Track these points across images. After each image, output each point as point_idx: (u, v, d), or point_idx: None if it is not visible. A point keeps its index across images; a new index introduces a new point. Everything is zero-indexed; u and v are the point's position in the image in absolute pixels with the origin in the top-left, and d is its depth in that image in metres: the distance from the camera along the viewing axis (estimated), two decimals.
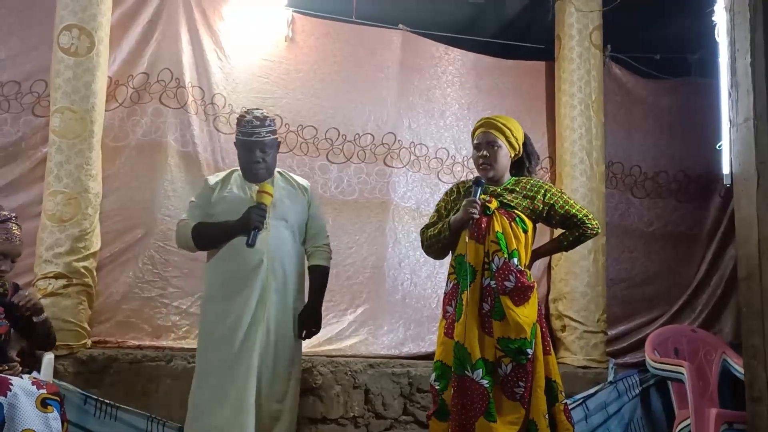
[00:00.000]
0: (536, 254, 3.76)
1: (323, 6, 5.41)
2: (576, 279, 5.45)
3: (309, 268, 3.85)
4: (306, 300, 3.82)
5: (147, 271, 4.72)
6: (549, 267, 5.72)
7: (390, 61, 5.51)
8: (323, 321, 4.99)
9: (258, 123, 3.73)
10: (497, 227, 3.50)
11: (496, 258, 3.47)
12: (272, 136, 3.77)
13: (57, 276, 4.10)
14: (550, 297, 5.66)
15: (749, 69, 3.50)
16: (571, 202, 3.74)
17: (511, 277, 3.44)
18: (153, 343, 4.64)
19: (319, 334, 4.96)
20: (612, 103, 5.94)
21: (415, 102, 5.55)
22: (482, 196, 3.55)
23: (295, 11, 5.28)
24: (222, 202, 3.72)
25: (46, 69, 4.49)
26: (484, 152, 3.63)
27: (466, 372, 3.38)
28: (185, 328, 4.73)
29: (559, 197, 3.70)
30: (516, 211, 3.57)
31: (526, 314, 3.42)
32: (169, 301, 4.72)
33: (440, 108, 5.62)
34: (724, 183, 5.17)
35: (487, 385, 3.36)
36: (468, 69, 5.77)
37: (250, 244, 3.52)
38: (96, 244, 4.47)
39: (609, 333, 5.60)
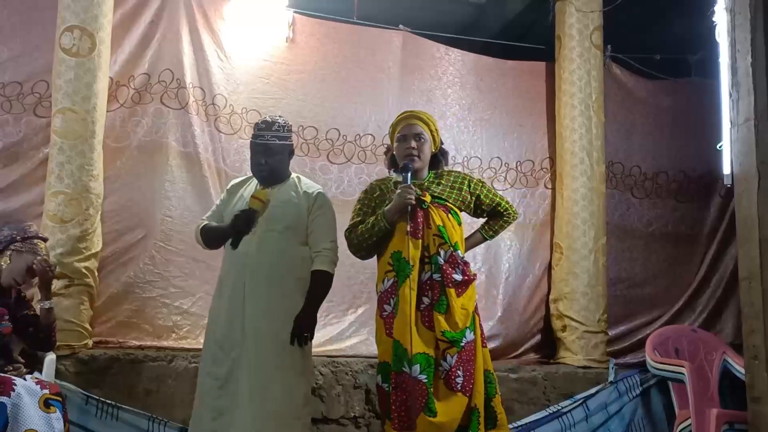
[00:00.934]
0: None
1: (324, 7, 5.41)
2: (576, 279, 5.46)
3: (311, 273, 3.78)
4: None
5: (148, 272, 4.72)
6: (549, 267, 5.73)
7: (390, 61, 5.52)
8: (324, 321, 5.08)
9: (264, 126, 3.77)
10: (437, 220, 3.55)
11: (442, 251, 3.51)
12: (278, 141, 3.75)
13: (58, 276, 4.09)
14: (551, 297, 5.67)
15: (750, 69, 3.50)
16: (494, 191, 3.87)
17: (458, 269, 3.51)
18: (154, 343, 4.64)
19: (319, 335, 5.01)
20: (612, 103, 5.94)
21: (416, 102, 5.55)
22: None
23: (295, 12, 5.28)
24: (230, 206, 3.80)
25: (47, 70, 4.49)
26: (413, 143, 3.66)
27: (404, 368, 3.37)
28: (186, 328, 4.73)
29: (482, 186, 3.80)
30: (449, 204, 3.64)
31: (467, 305, 3.49)
32: (170, 302, 4.72)
33: (440, 109, 5.62)
34: (725, 183, 5.17)
35: (426, 380, 3.35)
36: (468, 70, 5.77)
37: (233, 247, 3.59)
38: (97, 244, 4.47)
39: (609, 333, 5.61)
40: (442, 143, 3.86)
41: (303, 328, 3.58)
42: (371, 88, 5.45)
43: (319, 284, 3.70)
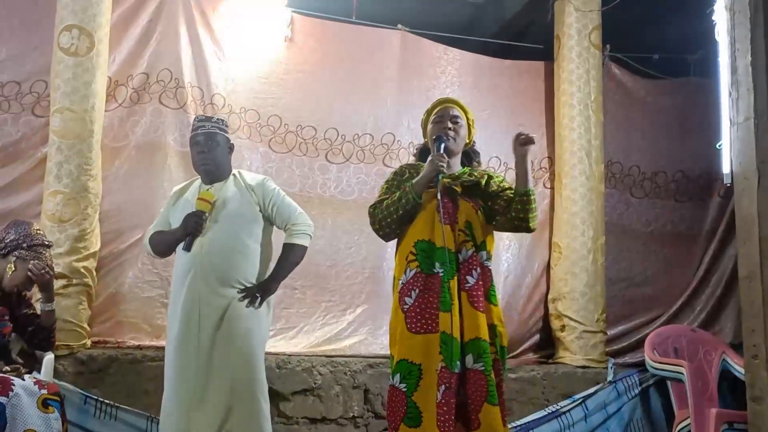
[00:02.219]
0: None
1: (323, 6, 5.41)
2: (575, 279, 5.46)
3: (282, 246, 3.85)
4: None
5: (146, 271, 4.71)
6: (548, 267, 5.73)
7: (389, 61, 5.51)
8: (322, 320, 5.09)
9: (204, 118, 3.89)
10: (465, 215, 3.29)
11: (463, 249, 3.27)
12: (218, 131, 3.80)
13: (57, 276, 4.08)
14: (549, 297, 5.66)
15: (749, 68, 3.50)
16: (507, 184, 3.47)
17: (474, 272, 3.25)
18: (153, 343, 4.63)
19: (318, 334, 5.03)
20: (611, 102, 5.94)
21: (415, 102, 5.54)
22: (444, 180, 3.29)
23: (294, 11, 5.28)
24: (176, 211, 3.81)
25: (46, 69, 4.49)
26: (449, 123, 3.40)
27: (455, 369, 3.14)
28: None
29: (500, 178, 3.48)
30: (480, 201, 3.36)
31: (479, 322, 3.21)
32: (169, 301, 4.70)
33: None
34: (724, 182, 5.18)
35: (482, 369, 3.15)
36: (467, 69, 5.77)
37: (185, 249, 3.63)
38: (96, 244, 4.47)
39: (608, 333, 5.61)
40: (474, 142, 3.59)
41: (258, 289, 3.67)
42: (370, 88, 5.44)
43: (289, 256, 3.80)
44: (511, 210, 3.31)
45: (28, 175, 4.53)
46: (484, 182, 3.38)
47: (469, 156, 3.57)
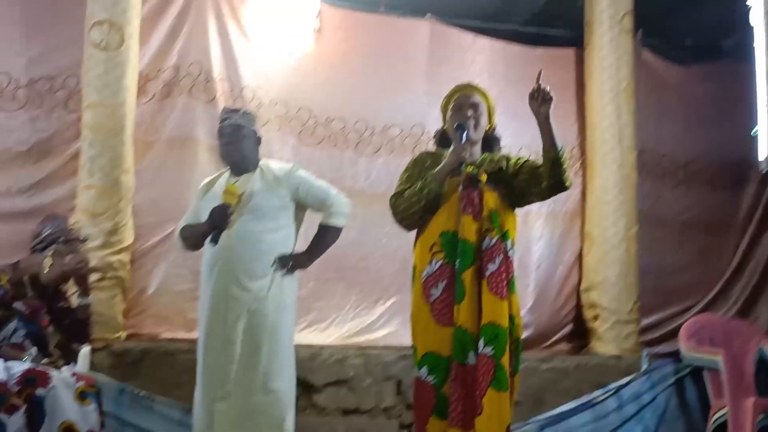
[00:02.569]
0: None
1: None
2: (608, 268, 5.41)
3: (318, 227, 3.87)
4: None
5: (178, 265, 4.74)
6: (580, 256, 5.69)
7: (418, 51, 5.49)
8: (354, 312, 5.10)
9: (231, 110, 3.89)
10: (490, 203, 3.20)
11: (487, 237, 3.16)
12: (244, 123, 3.80)
13: (92, 270, 4.11)
14: (582, 287, 5.62)
15: None
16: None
17: (496, 259, 3.14)
18: (186, 335, 4.66)
19: (350, 325, 5.04)
20: (643, 90, 5.85)
21: (444, 92, 5.35)
22: (468, 168, 3.23)
23: (323, 2, 5.27)
24: (205, 204, 3.80)
25: (77, 65, 4.53)
26: (469, 111, 3.32)
27: (468, 361, 3.10)
28: None
29: (517, 158, 3.40)
30: (504, 188, 3.28)
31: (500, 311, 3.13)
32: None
33: None
34: (759, 169, 5.10)
35: (492, 354, 3.07)
36: (497, 58, 5.72)
37: (212, 242, 3.63)
38: (129, 237, 4.51)
39: (642, 322, 5.55)
40: (495, 127, 3.49)
41: (292, 258, 3.70)
42: (399, 79, 5.42)
43: (324, 236, 3.82)
44: (543, 177, 3.22)
45: (62, 170, 4.59)
46: (505, 166, 3.33)
47: (489, 142, 3.48)
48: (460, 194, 3.21)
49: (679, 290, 5.94)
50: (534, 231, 5.60)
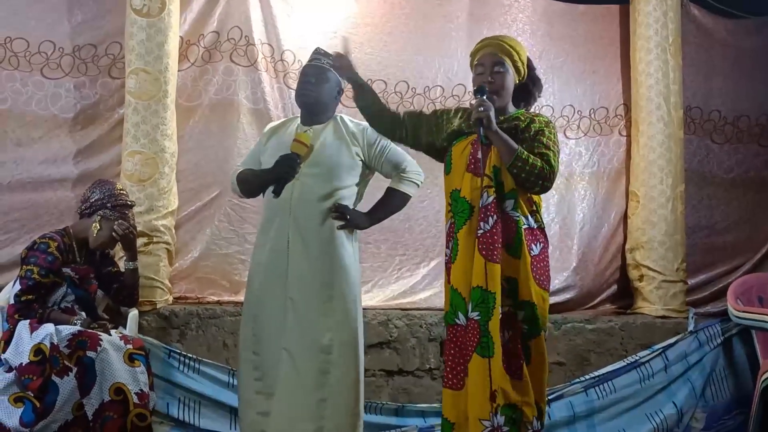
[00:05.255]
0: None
1: None
2: (654, 228, 5.34)
3: (385, 190, 3.74)
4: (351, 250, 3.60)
5: (223, 228, 4.79)
6: (625, 216, 5.62)
7: (459, 10, 5.41)
8: (397, 274, 5.12)
9: (322, 52, 3.70)
10: (495, 160, 3.10)
11: (485, 194, 3.07)
12: (331, 69, 3.60)
13: (138, 234, 4.19)
14: (627, 247, 5.56)
15: None
16: (545, 145, 3.13)
17: (489, 219, 3.04)
18: (232, 298, 4.72)
19: (393, 287, 5.06)
20: (690, 45, 5.71)
21: None
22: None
23: None
24: (269, 149, 3.64)
25: (120, 31, 4.55)
26: (489, 77, 3.20)
27: (457, 320, 3.09)
28: None
29: (539, 130, 3.16)
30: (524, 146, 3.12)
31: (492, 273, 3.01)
32: (246, 257, 4.74)
33: None
34: None
35: (478, 318, 2.99)
36: (539, 16, 5.62)
37: (275, 193, 3.43)
38: (174, 202, 4.56)
39: (689, 282, 5.49)
40: (533, 70, 3.37)
41: (350, 212, 3.53)
42: (439, 39, 5.35)
43: (390, 200, 3.70)
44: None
45: (107, 136, 4.63)
46: (522, 126, 3.18)
47: (526, 90, 3.36)
48: (467, 153, 3.16)
49: (727, 249, 5.84)
50: (578, 192, 5.54)
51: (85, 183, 4.25)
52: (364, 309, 4.74)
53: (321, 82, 3.60)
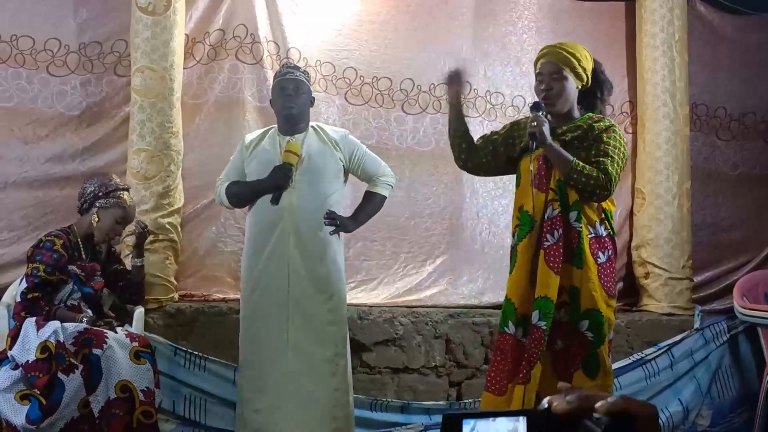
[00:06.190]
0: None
1: None
2: (660, 225, 5.33)
3: (364, 193, 4.04)
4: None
5: (229, 226, 4.79)
6: (631, 213, 5.61)
7: (464, 7, 5.40)
8: (403, 271, 5.11)
9: (292, 66, 3.97)
10: (558, 174, 3.19)
11: (549, 208, 3.18)
12: (305, 80, 3.87)
13: (150, 232, 4.19)
14: (633, 244, 5.55)
15: None
16: (606, 149, 3.19)
17: (555, 232, 3.15)
18: (237, 296, 4.71)
19: (399, 285, 5.06)
20: (696, 42, 5.70)
21: (491, 49, 5.44)
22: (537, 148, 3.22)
23: None
24: (254, 161, 3.84)
25: (126, 29, 4.55)
26: (545, 86, 3.29)
27: (507, 329, 3.19)
28: None
29: (602, 135, 3.22)
30: (583, 155, 3.21)
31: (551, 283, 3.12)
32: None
33: (516, 55, 5.49)
34: None
35: (544, 327, 3.07)
36: (545, 13, 5.61)
37: (273, 202, 3.66)
38: (179, 200, 4.56)
39: (695, 279, 5.48)
40: (601, 73, 3.42)
41: (342, 221, 3.78)
42: (444, 36, 5.35)
43: (371, 203, 3.97)
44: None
45: (113, 134, 4.64)
46: (585, 132, 3.25)
47: (593, 94, 3.40)
48: (531, 170, 3.25)
49: (733, 246, 5.83)
50: None
51: (91, 177, 4.25)
52: (369, 306, 4.80)
53: (299, 94, 3.83)
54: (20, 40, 4.49)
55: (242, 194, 3.85)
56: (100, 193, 3.82)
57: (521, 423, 0.85)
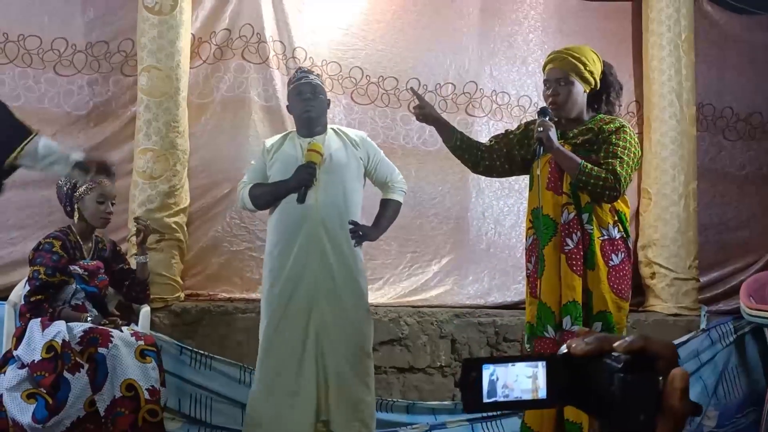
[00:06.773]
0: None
1: None
2: (666, 225, 5.32)
3: (380, 201, 4.06)
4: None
5: (235, 226, 4.80)
6: (637, 213, 5.59)
7: (470, 7, 5.40)
8: (408, 271, 5.11)
9: (306, 70, 3.99)
10: (570, 177, 3.23)
11: (565, 212, 3.24)
12: (320, 84, 3.92)
13: (154, 230, 4.20)
14: (639, 244, 5.54)
15: None
16: (617, 149, 3.21)
17: (574, 235, 3.20)
18: (243, 295, 4.74)
19: (404, 285, 5.06)
20: (703, 42, 5.68)
21: (497, 49, 5.44)
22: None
23: None
24: (276, 163, 3.86)
25: (132, 28, 4.56)
26: (552, 92, 3.31)
27: (546, 333, 3.21)
28: None
29: (613, 136, 3.24)
30: (593, 157, 3.24)
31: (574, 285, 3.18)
32: (258, 255, 4.77)
33: (522, 54, 5.49)
34: None
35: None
36: (551, 13, 5.60)
37: (299, 201, 3.69)
38: (185, 199, 4.57)
39: (701, 280, 5.46)
40: (610, 75, 3.44)
41: (365, 231, 3.86)
42: (451, 36, 5.35)
43: (390, 210, 4.02)
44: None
45: (120, 133, 4.65)
46: (595, 134, 3.28)
47: (602, 96, 3.43)
48: (541, 172, 3.29)
49: (740, 246, 5.82)
50: None
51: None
52: (375, 306, 4.80)
53: (317, 97, 3.86)
54: (27, 39, 4.51)
55: (267, 194, 3.85)
56: (71, 189, 3.82)
57: (540, 368, 0.87)
